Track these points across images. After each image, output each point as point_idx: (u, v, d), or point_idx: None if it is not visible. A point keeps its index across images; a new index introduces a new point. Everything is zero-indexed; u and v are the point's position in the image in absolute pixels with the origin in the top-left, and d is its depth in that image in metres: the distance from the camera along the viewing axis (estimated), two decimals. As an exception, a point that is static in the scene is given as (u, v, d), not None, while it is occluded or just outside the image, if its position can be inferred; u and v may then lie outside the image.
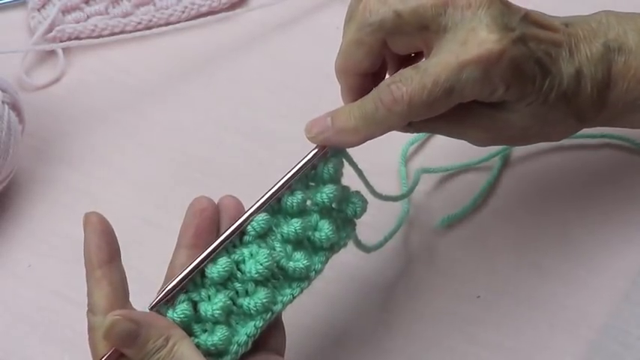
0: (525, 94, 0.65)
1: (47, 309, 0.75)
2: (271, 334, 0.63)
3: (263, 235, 0.62)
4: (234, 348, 0.60)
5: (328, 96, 0.69)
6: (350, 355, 0.73)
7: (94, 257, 0.61)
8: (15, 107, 0.80)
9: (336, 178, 0.65)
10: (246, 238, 0.62)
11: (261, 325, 0.61)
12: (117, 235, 0.78)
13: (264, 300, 0.61)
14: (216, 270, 0.60)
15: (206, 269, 0.61)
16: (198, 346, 0.60)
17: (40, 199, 0.82)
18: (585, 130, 0.79)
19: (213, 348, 0.60)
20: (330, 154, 0.64)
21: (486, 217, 0.78)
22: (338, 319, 0.74)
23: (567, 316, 0.72)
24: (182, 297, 0.60)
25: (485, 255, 0.76)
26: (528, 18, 0.66)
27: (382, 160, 0.79)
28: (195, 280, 0.61)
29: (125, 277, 0.62)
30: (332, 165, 0.64)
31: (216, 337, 0.60)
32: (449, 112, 0.64)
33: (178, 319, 0.59)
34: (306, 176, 0.64)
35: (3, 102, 0.78)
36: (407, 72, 0.63)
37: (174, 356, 0.58)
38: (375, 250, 0.71)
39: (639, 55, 0.68)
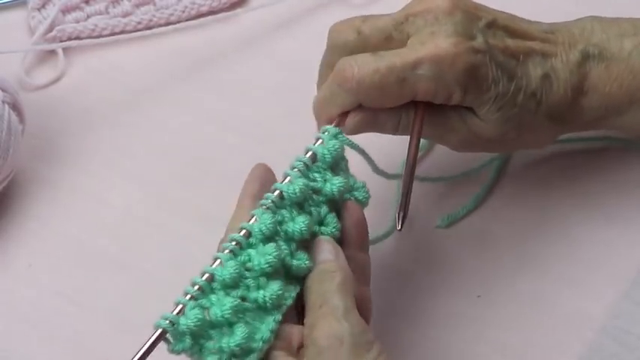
0: (485, 99, 0.67)
1: (47, 309, 0.75)
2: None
3: (270, 237, 0.62)
4: (259, 345, 0.59)
5: (328, 96, 0.69)
6: (350, 355, 0.73)
7: (247, 188, 0.64)
8: (15, 107, 0.80)
9: (339, 164, 0.65)
10: (252, 240, 0.61)
11: (280, 319, 0.60)
12: (117, 234, 0.79)
13: (279, 291, 0.60)
14: (227, 272, 0.60)
15: (216, 274, 0.60)
16: (221, 351, 0.59)
17: (40, 199, 0.82)
18: (585, 132, 0.79)
19: (237, 349, 0.59)
20: (326, 138, 0.65)
21: (486, 217, 0.78)
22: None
23: (567, 316, 0.72)
24: (191, 304, 0.59)
25: (486, 255, 0.76)
26: (496, 25, 0.68)
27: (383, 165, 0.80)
28: (204, 287, 0.60)
29: None
30: (331, 147, 0.65)
31: (237, 337, 0.59)
32: (427, 115, 0.67)
33: (193, 325, 0.58)
34: (307, 167, 0.64)
35: (3, 102, 0.78)
36: (365, 56, 0.66)
37: None
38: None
39: (621, 61, 0.69)
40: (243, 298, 0.60)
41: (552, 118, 0.70)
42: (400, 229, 0.67)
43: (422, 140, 0.77)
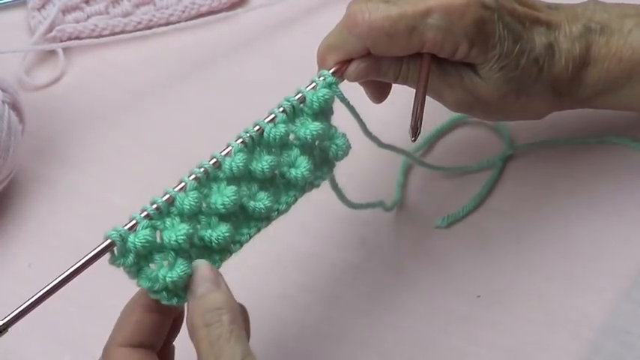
0: (489, 57, 0.67)
1: (47, 309, 0.75)
2: None
3: (237, 177, 0.61)
4: None
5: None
6: (350, 355, 0.73)
7: None
8: (15, 107, 0.80)
9: (324, 113, 0.65)
10: (220, 174, 0.61)
11: (220, 265, 0.60)
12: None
13: (227, 234, 0.60)
14: (188, 202, 0.59)
15: (176, 199, 0.59)
16: (156, 280, 0.59)
17: (40, 199, 0.82)
18: (585, 132, 0.79)
19: (171, 284, 0.58)
20: (320, 85, 0.65)
21: (486, 217, 0.78)
22: (338, 319, 0.74)
23: (567, 316, 0.72)
24: (145, 223, 0.59)
25: (486, 255, 0.76)
26: None
27: (385, 165, 0.80)
28: (162, 208, 0.59)
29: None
30: (321, 95, 0.64)
31: (176, 272, 0.58)
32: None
33: (140, 245, 0.58)
34: (294, 108, 0.64)
35: (3, 102, 0.78)
36: (377, 3, 0.65)
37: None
38: (354, 207, 0.71)
39: (621, 37, 0.70)
40: (195, 230, 0.60)
41: (552, 88, 0.70)
42: (414, 140, 0.67)
43: (421, 140, 0.77)
